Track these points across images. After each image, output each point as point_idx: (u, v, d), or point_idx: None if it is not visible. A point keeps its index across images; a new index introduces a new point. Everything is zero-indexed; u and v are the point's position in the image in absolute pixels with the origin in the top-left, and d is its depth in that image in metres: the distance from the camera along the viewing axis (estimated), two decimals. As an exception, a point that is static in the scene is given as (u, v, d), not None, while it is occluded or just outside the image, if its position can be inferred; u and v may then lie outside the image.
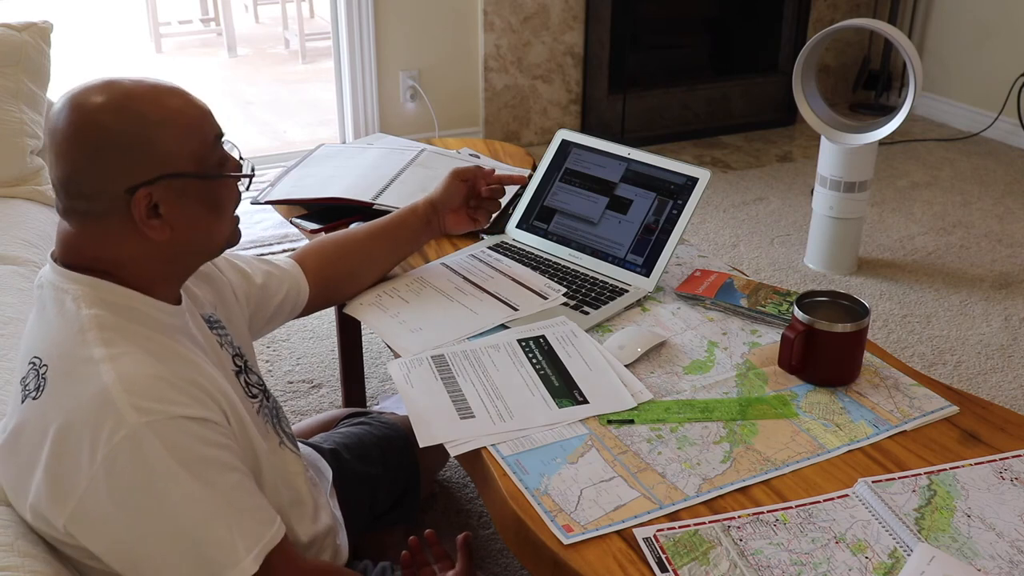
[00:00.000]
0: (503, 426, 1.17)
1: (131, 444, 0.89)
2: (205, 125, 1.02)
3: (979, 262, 2.97)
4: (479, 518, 1.85)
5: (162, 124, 0.97)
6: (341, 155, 1.98)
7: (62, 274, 0.99)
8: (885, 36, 2.71)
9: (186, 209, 1.00)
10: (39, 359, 0.96)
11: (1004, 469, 1.10)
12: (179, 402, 0.92)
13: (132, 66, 5.50)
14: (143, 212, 0.97)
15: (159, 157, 0.97)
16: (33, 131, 2.17)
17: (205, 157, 1.01)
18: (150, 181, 0.97)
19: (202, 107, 1.03)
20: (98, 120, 0.95)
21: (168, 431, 0.90)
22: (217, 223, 1.05)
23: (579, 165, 1.65)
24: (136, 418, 0.89)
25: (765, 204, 3.40)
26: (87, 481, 0.90)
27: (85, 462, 0.89)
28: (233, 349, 1.16)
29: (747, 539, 0.99)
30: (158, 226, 0.98)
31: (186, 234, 1.01)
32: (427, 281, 1.52)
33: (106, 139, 0.95)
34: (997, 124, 3.97)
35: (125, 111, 0.96)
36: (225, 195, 1.05)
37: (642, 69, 3.99)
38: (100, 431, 0.89)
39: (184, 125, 0.99)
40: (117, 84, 0.98)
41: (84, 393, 0.91)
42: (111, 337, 0.94)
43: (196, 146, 1.00)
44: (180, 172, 0.98)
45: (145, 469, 0.89)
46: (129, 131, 0.95)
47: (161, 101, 0.98)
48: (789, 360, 1.27)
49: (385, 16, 3.56)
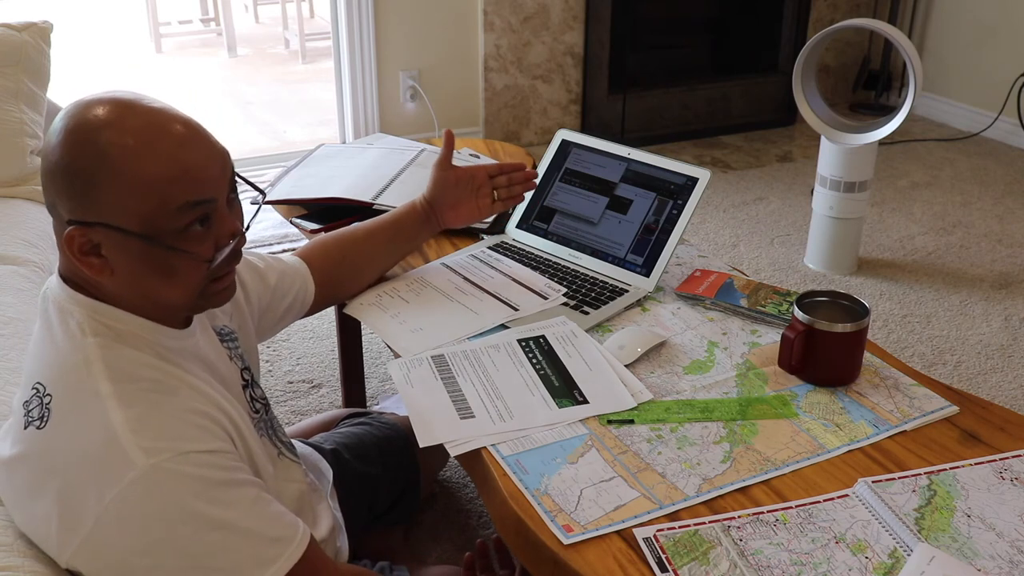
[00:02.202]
0: (503, 426, 1.17)
1: (141, 486, 0.86)
2: (176, 187, 0.90)
3: (979, 262, 2.97)
4: (479, 518, 1.85)
5: (118, 173, 0.88)
6: (341, 155, 1.98)
7: (68, 294, 0.95)
8: (885, 36, 2.71)
9: (129, 264, 0.92)
10: (43, 386, 0.93)
11: (1004, 469, 1.10)
12: (187, 436, 0.90)
13: (132, 66, 5.50)
14: (76, 247, 0.90)
15: (102, 204, 0.89)
16: (33, 131, 2.17)
17: (158, 221, 0.90)
18: (86, 223, 0.90)
19: (187, 165, 0.91)
20: (66, 141, 0.89)
21: (178, 468, 0.88)
22: (166, 289, 0.94)
23: (579, 165, 1.65)
24: (144, 460, 0.86)
25: (765, 204, 3.40)
26: (92, 522, 0.87)
27: (92, 503, 0.87)
28: (242, 363, 1.15)
29: (747, 539, 0.99)
30: (98, 265, 0.92)
31: (132, 287, 0.94)
32: (427, 281, 1.52)
33: (62, 162, 0.89)
34: (997, 124, 3.97)
35: (89, 143, 0.89)
36: (180, 265, 0.93)
37: (642, 69, 3.99)
38: (108, 473, 0.87)
39: (145, 181, 0.89)
40: (114, 105, 0.91)
41: (91, 432, 0.88)
42: (117, 370, 0.91)
43: (150, 207, 0.89)
44: (121, 227, 0.90)
45: (157, 508, 0.87)
46: (82, 166, 0.88)
47: (139, 148, 0.89)
48: (789, 360, 1.27)
49: (385, 16, 3.56)
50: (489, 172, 1.52)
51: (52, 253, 1.91)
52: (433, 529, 1.82)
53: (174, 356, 0.98)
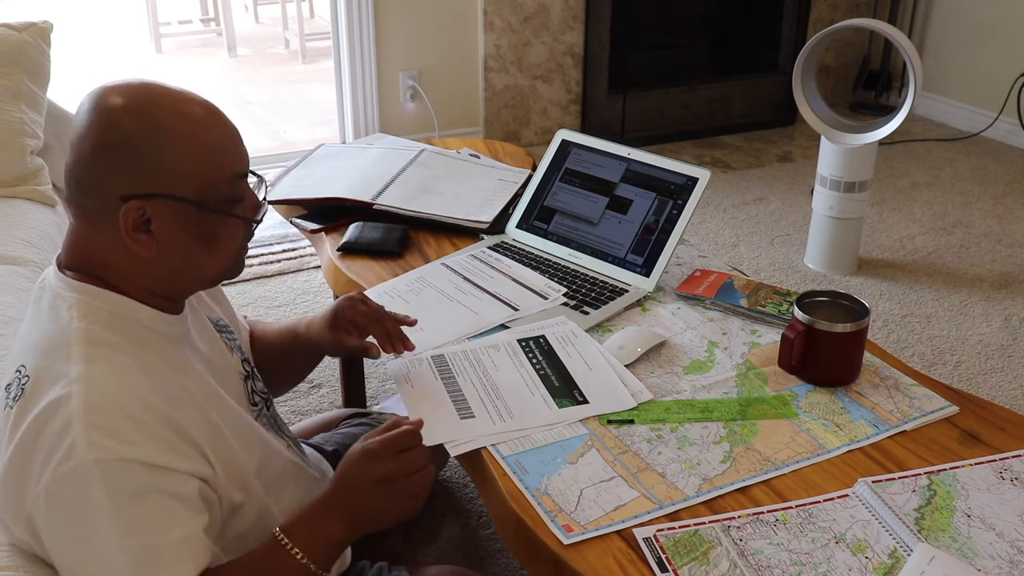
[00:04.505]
0: (503, 426, 1.18)
1: (75, 477, 0.87)
2: (225, 158, 0.97)
3: (979, 262, 2.97)
4: (479, 518, 1.85)
5: (178, 141, 0.93)
6: (341, 155, 1.98)
7: (63, 281, 0.97)
8: (885, 36, 2.71)
9: (178, 234, 0.95)
10: (24, 368, 0.94)
11: (1004, 469, 1.10)
12: (137, 443, 0.89)
13: (132, 66, 5.50)
14: (131, 223, 0.93)
15: (163, 173, 0.93)
16: (33, 131, 2.17)
17: (212, 189, 0.95)
18: (146, 195, 0.93)
19: (231, 138, 0.98)
20: (116, 117, 0.92)
21: (112, 472, 0.87)
22: (208, 258, 0.99)
23: (579, 165, 1.65)
24: (86, 452, 0.87)
25: (765, 204, 3.39)
26: (32, 499, 0.89)
27: (33, 481, 0.89)
28: (242, 354, 1.16)
29: (747, 539, 0.99)
30: (145, 241, 0.94)
31: (174, 259, 0.97)
32: (427, 281, 1.52)
33: (116, 138, 0.92)
34: (997, 124, 3.97)
35: (145, 115, 0.92)
36: (224, 232, 0.99)
37: (642, 69, 3.99)
38: (53, 455, 0.87)
39: (200, 150, 0.94)
40: (151, 87, 0.95)
41: (52, 411, 0.89)
42: (95, 353, 0.92)
43: (206, 175, 0.95)
44: (179, 196, 0.94)
45: (80, 505, 0.87)
46: (141, 137, 0.92)
47: (187, 117, 0.94)
48: (789, 360, 1.27)
49: (385, 16, 3.56)
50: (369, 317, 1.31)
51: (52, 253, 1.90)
52: (433, 529, 1.82)
53: (166, 342, 0.99)
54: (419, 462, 1.03)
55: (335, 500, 1.02)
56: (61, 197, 2.17)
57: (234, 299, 2.65)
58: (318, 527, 1.01)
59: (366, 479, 1.02)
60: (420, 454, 1.04)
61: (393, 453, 1.02)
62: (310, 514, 1.02)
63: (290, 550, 0.99)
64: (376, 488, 1.02)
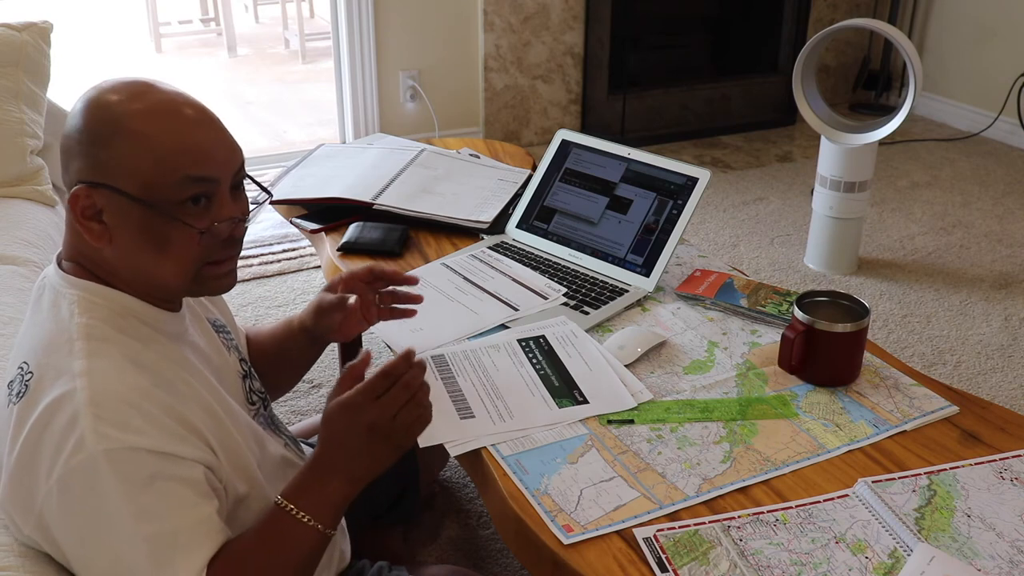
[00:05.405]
0: (503, 426, 1.18)
1: (85, 469, 0.88)
2: (181, 159, 0.94)
3: (979, 262, 2.97)
4: (479, 518, 1.85)
5: (128, 136, 0.93)
6: (341, 155, 1.98)
7: (63, 279, 0.98)
8: (885, 36, 2.71)
9: (126, 230, 0.95)
10: (27, 365, 0.95)
11: (1004, 469, 1.10)
12: (144, 432, 0.90)
13: (132, 66, 5.50)
14: (79, 209, 0.94)
15: (109, 165, 0.93)
16: (33, 131, 2.17)
17: (157, 189, 0.93)
18: (91, 183, 0.94)
19: (196, 142, 0.95)
20: (88, 109, 0.95)
21: (122, 461, 0.88)
22: (159, 261, 0.96)
23: (579, 165, 1.65)
24: (95, 444, 0.87)
25: (765, 204, 3.40)
26: (43, 495, 0.89)
27: (43, 476, 0.89)
28: (239, 354, 1.16)
29: (747, 539, 0.99)
30: (98, 231, 0.95)
31: (129, 255, 0.97)
32: (427, 281, 1.52)
33: (82, 127, 0.94)
34: (997, 124, 3.97)
35: (108, 110, 0.94)
36: (174, 237, 0.96)
37: (642, 69, 3.99)
38: (62, 449, 0.88)
39: (151, 146, 0.93)
40: (137, 84, 0.96)
41: (57, 407, 0.90)
42: (97, 348, 0.93)
43: (153, 174, 0.93)
44: (122, 189, 0.93)
45: (93, 496, 0.88)
46: (99, 128, 0.94)
47: (151, 117, 0.94)
48: (789, 360, 1.27)
49: (385, 16, 3.56)
50: (362, 278, 1.33)
51: (52, 253, 1.90)
52: (433, 529, 1.82)
53: (165, 339, 0.99)
54: (401, 398, 1.01)
55: (328, 460, 1.02)
56: (61, 197, 2.18)
57: (234, 299, 2.66)
58: (319, 489, 1.01)
59: (353, 432, 1.01)
60: (405, 386, 1.02)
61: (372, 399, 1.01)
62: (307, 478, 1.02)
63: (296, 515, 0.99)
64: (366, 437, 1.01)
